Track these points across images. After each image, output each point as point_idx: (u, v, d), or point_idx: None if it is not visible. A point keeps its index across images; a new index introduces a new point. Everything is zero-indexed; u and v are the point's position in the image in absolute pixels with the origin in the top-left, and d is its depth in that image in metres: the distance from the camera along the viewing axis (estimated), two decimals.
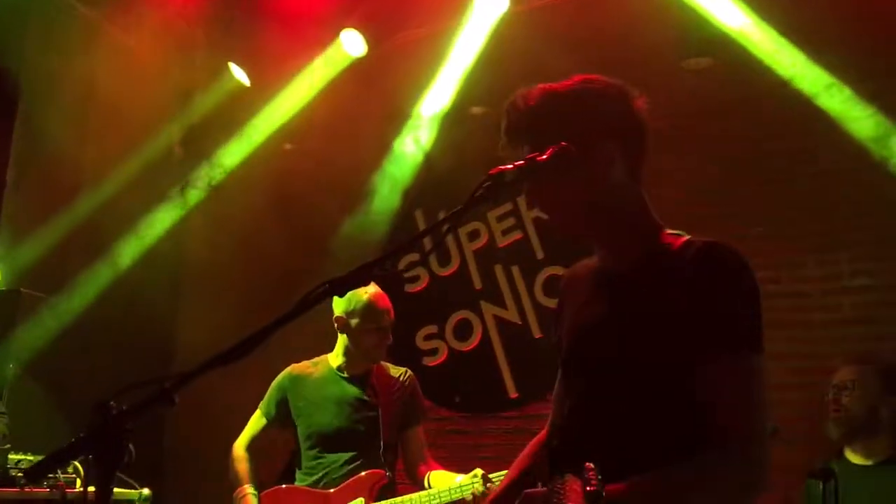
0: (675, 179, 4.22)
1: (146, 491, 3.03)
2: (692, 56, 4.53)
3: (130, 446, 1.34)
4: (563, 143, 1.69)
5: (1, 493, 2.72)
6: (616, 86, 1.78)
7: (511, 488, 2.03)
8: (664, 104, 4.41)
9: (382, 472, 3.34)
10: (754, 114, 4.42)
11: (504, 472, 3.14)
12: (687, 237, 1.74)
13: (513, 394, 4.88)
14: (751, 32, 4.37)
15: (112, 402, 1.34)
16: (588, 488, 1.35)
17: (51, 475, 2.73)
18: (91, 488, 1.35)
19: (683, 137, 4.35)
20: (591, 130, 1.71)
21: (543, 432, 2.13)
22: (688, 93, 4.48)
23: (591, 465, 1.38)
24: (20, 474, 2.77)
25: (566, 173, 1.66)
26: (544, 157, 1.67)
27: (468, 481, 3.16)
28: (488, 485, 3.12)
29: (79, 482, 2.88)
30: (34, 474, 1.43)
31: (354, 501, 3.30)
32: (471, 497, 3.13)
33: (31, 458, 2.88)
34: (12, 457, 2.81)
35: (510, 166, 1.63)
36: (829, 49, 4.20)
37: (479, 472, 3.16)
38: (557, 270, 4.88)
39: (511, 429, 4.77)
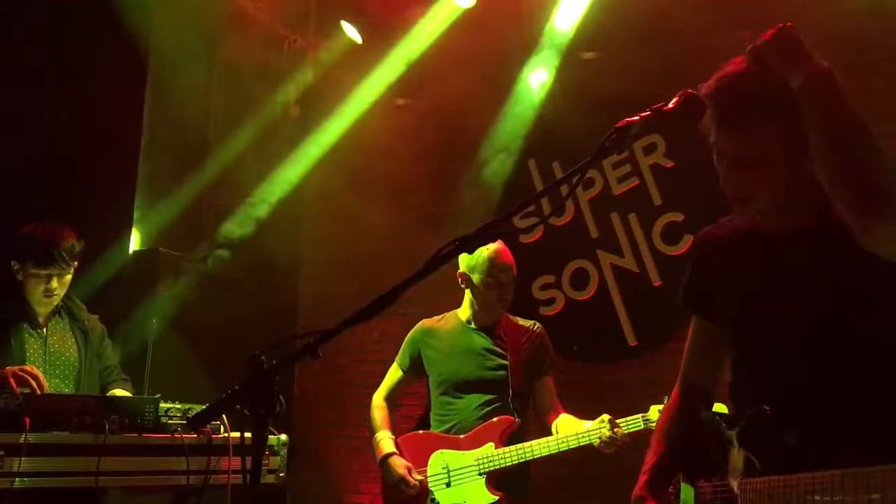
0: None
1: (283, 437, 3.19)
2: None
3: (281, 397, 1.44)
4: (688, 91, 1.69)
5: (154, 439, 2.93)
6: None
7: (663, 464, 2.02)
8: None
9: (512, 418, 3.42)
10: None
11: (631, 416, 3.15)
12: None
13: (632, 342, 4.85)
14: None
15: (263, 356, 1.43)
16: None
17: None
18: (247, 434, 1.46)
19: None
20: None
21: (675, 394, 2.11)
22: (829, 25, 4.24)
23: None
24: (171, 421, 2.97)
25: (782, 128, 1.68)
26: (671, 105, 1.66)
27: (595, 426, 3.18)
28: (615, 430, 3.12)
29: (222, 429, 3.07)
30: (197, 422, 1.54)
31: (484, 446, 3.40)
32: (598, 442, 3.15)
33: (178, 406, 3.06)
34: (163, 405, 3.02)
35: (636, 118, 1.62)
36: None
37: (606, 417, 3.17)
38: (677, 217, 4.78)
39: (630, 377, 4.74)
